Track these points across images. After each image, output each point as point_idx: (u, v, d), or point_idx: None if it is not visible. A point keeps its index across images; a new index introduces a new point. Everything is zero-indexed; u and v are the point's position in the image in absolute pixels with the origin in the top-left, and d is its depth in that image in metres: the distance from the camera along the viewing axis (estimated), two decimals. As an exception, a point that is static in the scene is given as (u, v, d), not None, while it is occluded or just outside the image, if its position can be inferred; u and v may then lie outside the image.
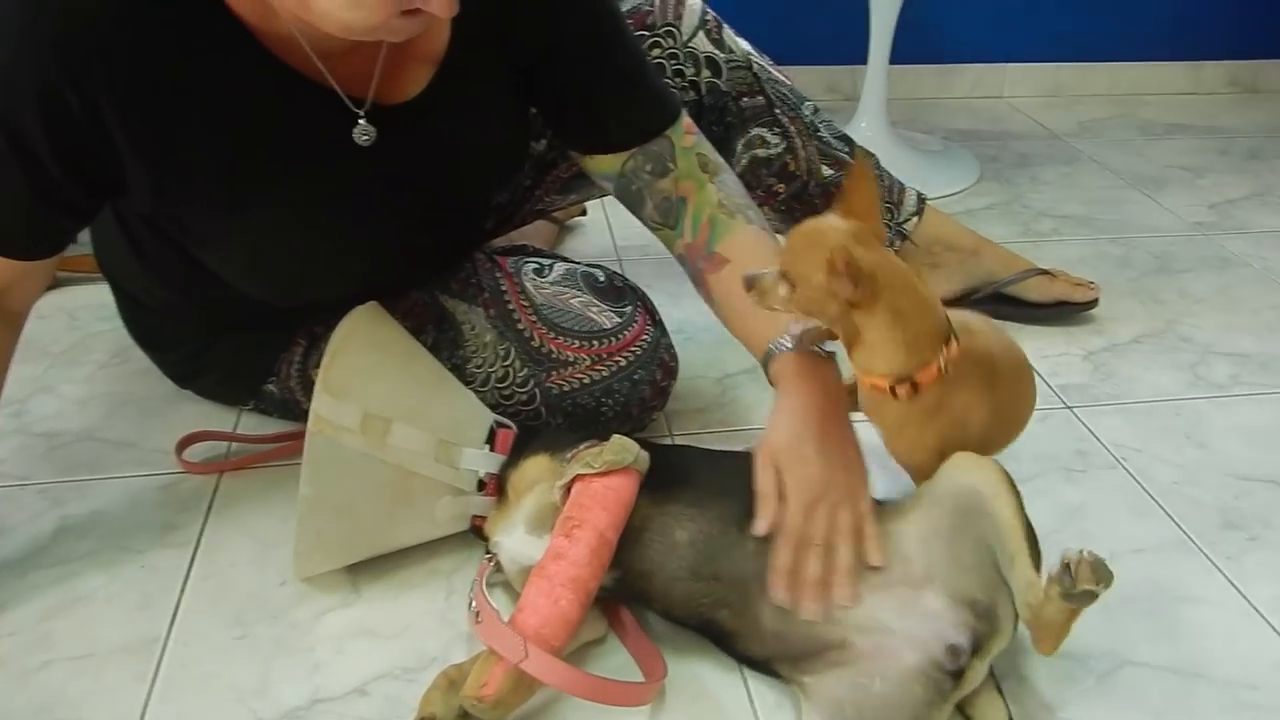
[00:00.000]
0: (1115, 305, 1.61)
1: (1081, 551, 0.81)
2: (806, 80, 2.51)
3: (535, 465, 1.03)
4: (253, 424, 1.30)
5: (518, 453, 1.05)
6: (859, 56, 2.14)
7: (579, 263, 1.30)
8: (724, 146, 1.42)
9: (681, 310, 1.58)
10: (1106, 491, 1.22)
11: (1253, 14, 2.57)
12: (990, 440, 0.99)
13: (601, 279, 1.25)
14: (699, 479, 1.00)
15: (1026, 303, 1.55)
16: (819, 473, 0.94)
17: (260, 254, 1.07)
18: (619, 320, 1.20)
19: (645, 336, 1.22)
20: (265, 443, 1.25)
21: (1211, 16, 2.57)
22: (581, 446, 0.99)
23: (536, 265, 1.25)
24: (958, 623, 0.86)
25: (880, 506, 0.97)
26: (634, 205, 1.19)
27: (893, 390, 0.91)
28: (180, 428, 1.25)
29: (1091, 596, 0.80)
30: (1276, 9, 2.57)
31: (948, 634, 0.86)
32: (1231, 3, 2.56)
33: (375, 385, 1.03)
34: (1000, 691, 0.91)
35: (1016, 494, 0.89)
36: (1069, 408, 1.37)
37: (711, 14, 1.38)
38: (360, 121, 1.00)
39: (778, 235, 1.15)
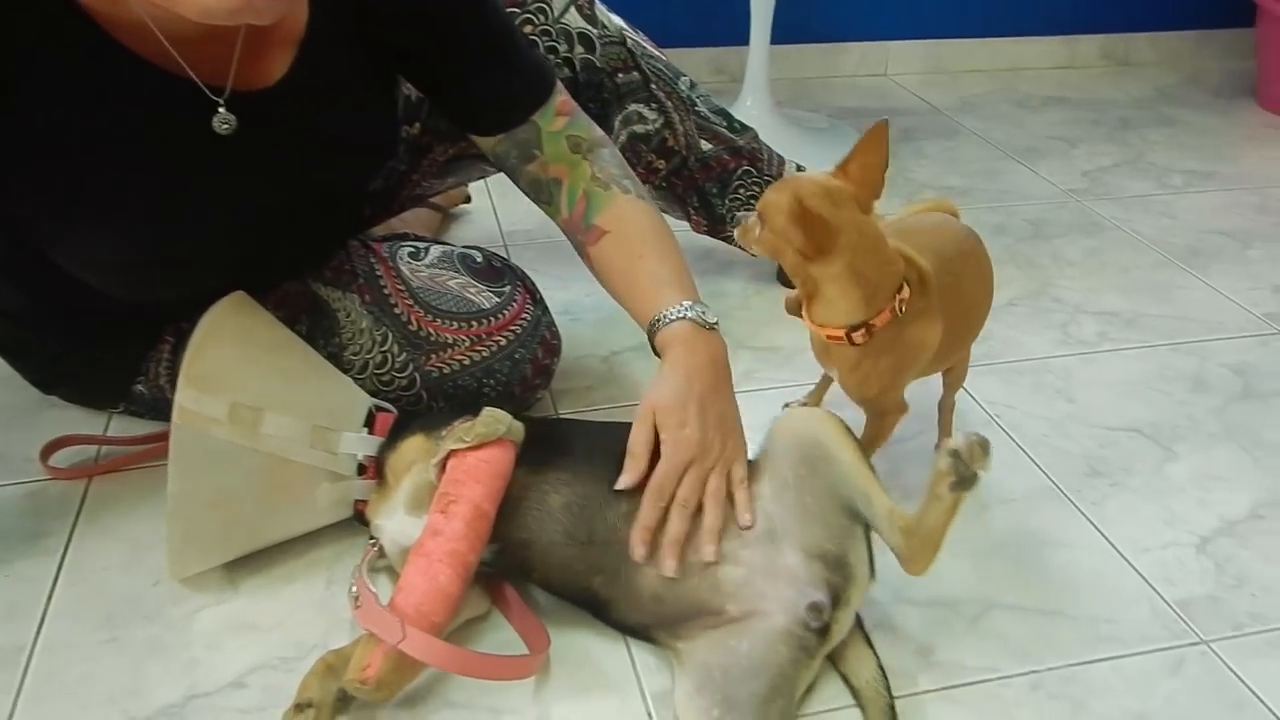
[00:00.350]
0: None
1: (966, 435, 0.84)
2: (693, 61, 2.54)
3: (411, 446, 1.02)
4: (124, 427, 1.26)
5: (395, 436, 1.05)
6: (745, 37, 2.16)
7: (456, 245, 1.29)
8: (602, 123, 1.42)
9: (568, 292, 1.59)
10: (979, 447, 1.26)
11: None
12: (952, 344, 1.06)
13: (479, 260, 1.24)
14: (575, 446, 1.01)
15: None
16: (696, 435, 0.96)
17: (118, 250, 1.03)
18: (498, 300, 1.20)
19: (525, 315, 1.22)
20: (134, 444, 1.22)
21: (1083, -7, 2.66)
22: (455, 423, 0.99)
23: (412, 249, 1.24)
24: (814, 579, 0.88)
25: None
26: (513, 180, 1.20)
27: (849, 338, 0.97)
28: (46, 435, 1.21)
29: (975, 479, 0.84)
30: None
31: (807, 592, 0.88)
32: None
33: (243, 375, 1.01)
34: (869, 642, 0.94)
35: (855, 438, 0.93)
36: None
37: None
38: (220, 110, 0.98)
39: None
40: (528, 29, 1.35)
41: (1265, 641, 1.00)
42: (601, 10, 1.40)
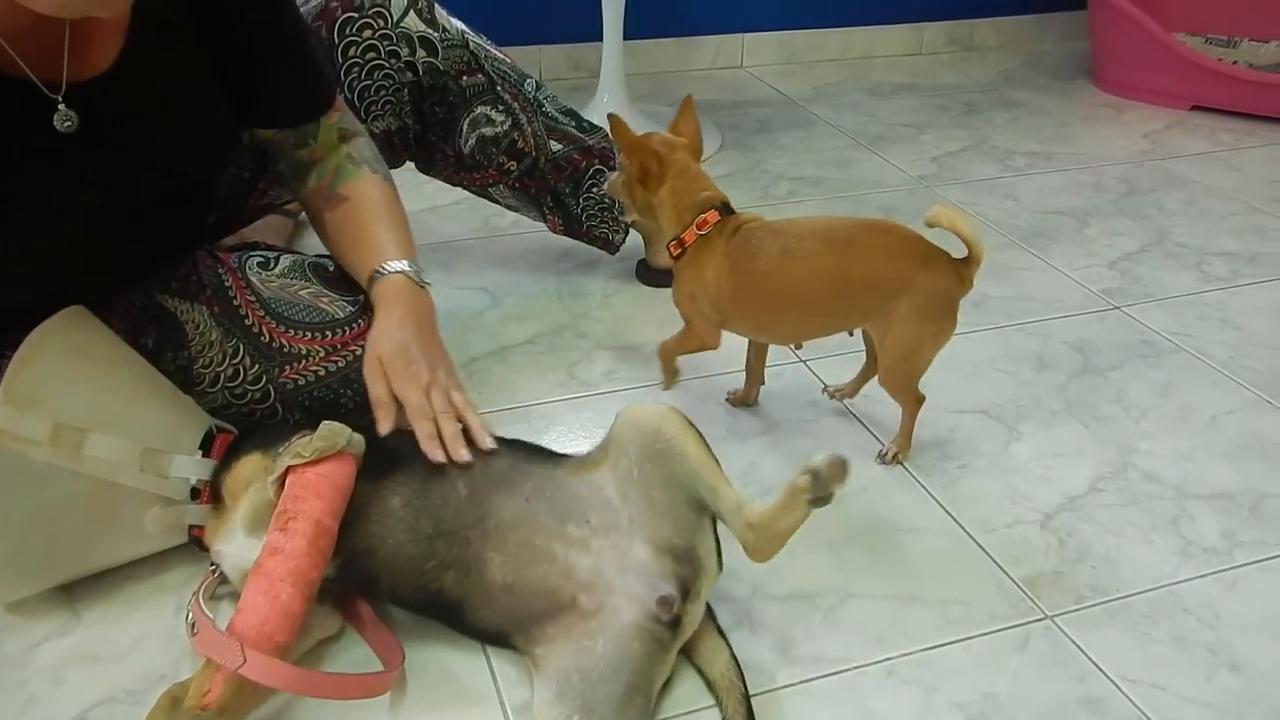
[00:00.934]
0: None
1: (824, 457, 0.84)
2: (552, 58, 2.53)
3: (248, 465, 0.99)
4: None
5: (231, 455, 1.01)
6: (601, 33, 2.16)
7: (308, 254, 1.26)
8: (449, 126, 1.41)
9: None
10: (835, 437, 1.28)
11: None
12: (740, 314, 1.19)
13: (332, 268, 1.21)
14: (411, 452, 0.99)
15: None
16: (424, 371, 1.05)
17: None
18: (352, 309, 1.17)
19: None
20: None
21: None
22: (293, 439, 0.96)
23: (262, 259, 1.20)
24: (664, 572, 0.89)
25: (572, 459, 0.99)
26: (270, 159, 1.22)
27: (669, 250, 1.20)
28: None
29: (831, 498, 0.85)
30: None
31: (657, 585, 0.88)
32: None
33: (69, 394, 0.96)
34: (721, 633, 0.95)
35: (697, 430, 0.93)
36: (803, 361, 1.43)
37: None
38: (60, 107, 0.94)
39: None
40: (366, 34, 1.33)
41: (1105, 612, 1.04)
42: (442, 14, 1.38)
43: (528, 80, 1.47)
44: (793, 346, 1.40)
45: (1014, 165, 2.10)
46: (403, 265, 1.13)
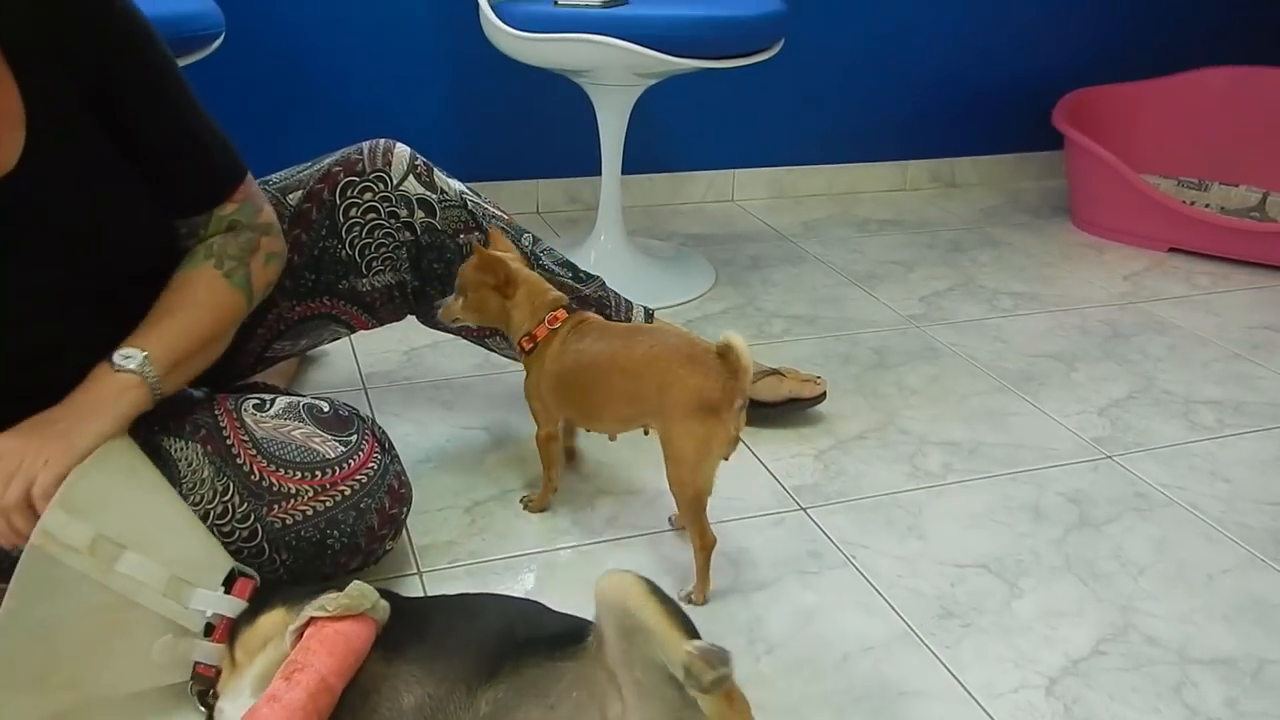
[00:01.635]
0: (841, 402, 1.72)
1: (689, 650, 0.81)
2: (550, 192, 2.60)
3: (269, 621, 1.00)
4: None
5: (255, 609, 1.01)
6: (597, 167, 2.22)
7: (303, 395, 1.27)
8: (447, 280, 1.44)
9: (430, 439, 1.57)
10: (838, 590, 1.29)
11: (947, 116, 2.86)
12: (578, 402, 1.34)
13: (326, 410, 1.22)
14: (431, 633, 0.98)
15: (760, 403, 1.64)
16: (14, 444, 0.99)
17: None
18: (343, 449, 1.18)
19: (371, 463, 1.20)
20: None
21: (914, 120, 2.84)
22: (321, 595, 0.96)
23: (258, 400, 1.21)
24: None
25: (576, 646, 0.95)
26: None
27: (521, 346, 1.36)
28: None
29: (727, 679, 0.81)
30: (966, 112, 2.87)
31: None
32: (929, 106, 2.83)
33: (116, 511, 0.99)
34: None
35: (660, 597, 0.88)
36: (803, 509, 1.44)
37: (421, 159, 1.42)
38: None
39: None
40: (367, 196, 1.38)
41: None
42: (440, 176, 1.43)
43: (525, 235, 1.51)
44: (609, 438, 1.47)
45: (1001, 306, 2.15)
46: (124, 352, 1.07)
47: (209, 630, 1.01)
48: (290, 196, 1.38)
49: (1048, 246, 2.51)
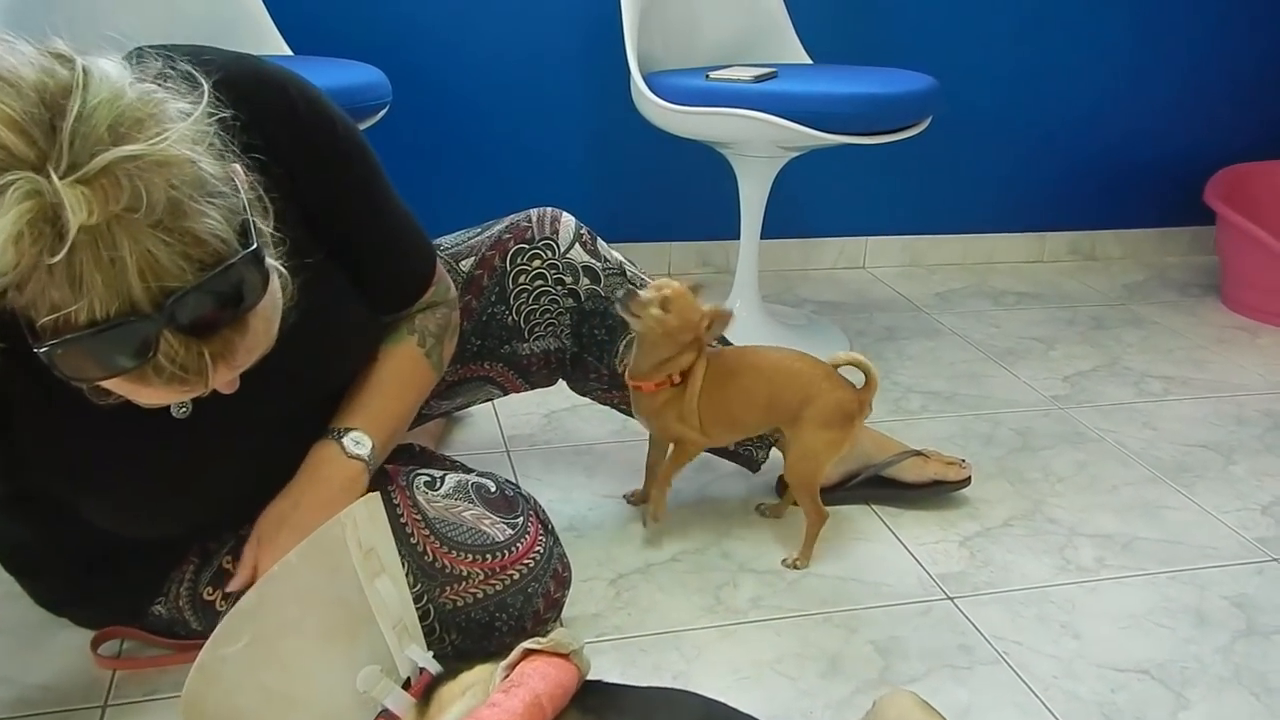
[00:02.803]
0: (985, 485, 1.68)
1: None
2: (683, 254, 2.63)
3: (474, 673, 1.03)
4: (133, 648, 1.25)
5: (452, 671, 1.05)
6: (729, 231, 2.24)
7: (470, 471, 1.30)
8: (605, 347, 1.46)
9: (572, 506, 1.59)
10: (992, 689, 1.25)
11: (1089, 188, 2.80)
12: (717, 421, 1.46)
13: (493, 489, 1.25)
14: (630, 709, 1.00)
15: (903, 484, 1.61)
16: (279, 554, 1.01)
17: (122, 511, 1.06)
18: (511, 532, 1.20)
19: (538, 548, 1.21)
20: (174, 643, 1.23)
21: (1054, 191, 2.79)
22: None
23: (428, 478, 1.24)
24: None
25: None
26: None
27: (671, 381, 1.42)
28: (56, 659, 1.20)
29: None
30: (1110, 184, 2.81)
31: None
32: (1071, 178, 2.78)
33: (383, 543, 1.07)
34: None
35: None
36: (950, 598, 1.41)
37: (585, 228, 1.46)
38: None
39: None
40: (536, 263, 1.42)
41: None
42: (603, 246, 1.47)
43: None
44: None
45: (1150, 390, 2.08)
46: (341, 432, 1.14)
47: (406, 684, 1.05)
48: (463, 263, 1.42)
49: (1197, 328, 2.43)
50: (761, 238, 2.18)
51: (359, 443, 1.14)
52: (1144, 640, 1.35)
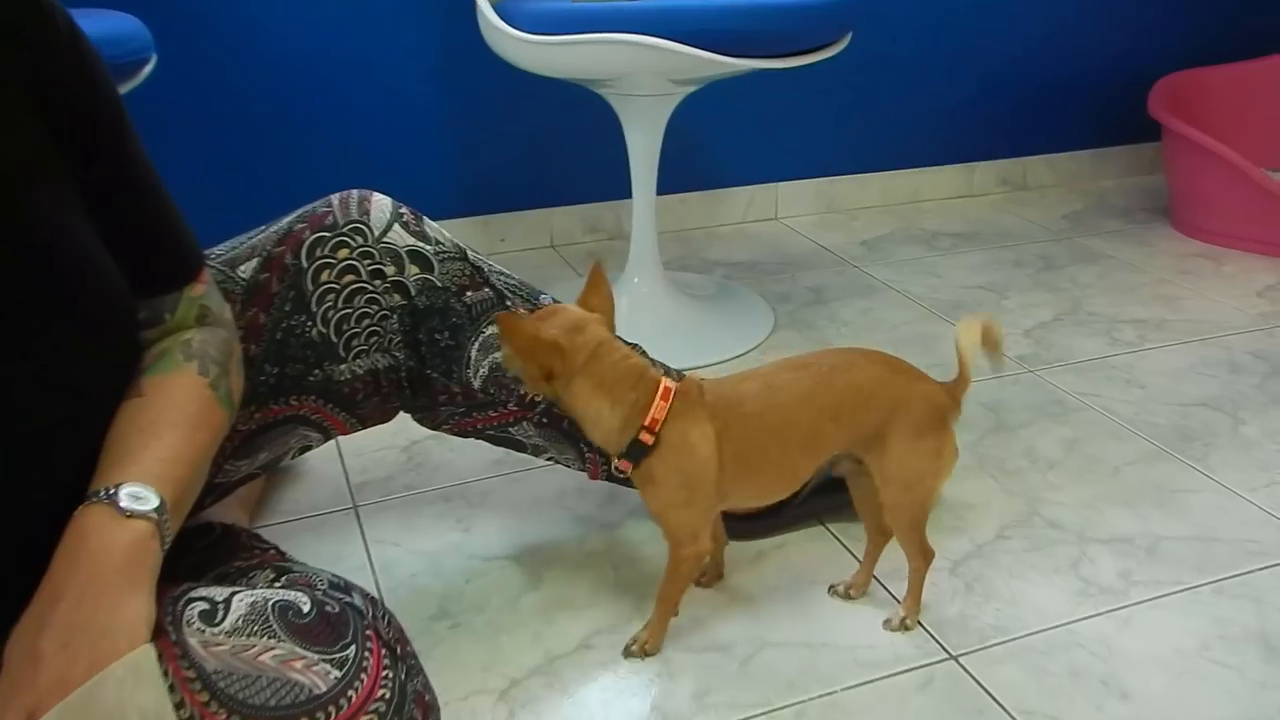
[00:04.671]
0: (964, 482, 1.35)
1: None
2: (566, 222, 2.22)
3: None
4: None
5: None
6: (618, 190, 1.85)
7: (285, 572, 0.90)
8: (454, 355, 1.08)
9: (442, 580, 1.20)
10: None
11: (1016, 110, 2.48)
12: (744, 474, 1.02)
13: (307, 609, 0.84)
14: None
15: None
16: (36, 672, 0.69)
17: None
18: (339, 675, 0.79)
19: (383, 689, 0.81)
20: None
21: (978, 115, 2.46)
22: None
23: (206, 606, 0.82)
24: None
25: None
26: None
27: (640, 441, 0.99)
28: None
29: None
30: (1038, 104, 2.49)
31: None
32: (996, 100, 2.46)
33: None
34: None
35: None
36: (953, 657, 1.06)
37: (406, 207, 1.09)
38: None
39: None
40: (342, 253, 1.05)
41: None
42: (432, 226, 1.10)
43: (543, 295, 1.15)
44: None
45: (1123, 338, 1.77)
46: (115, 491, 0.77)
47: None
48: (241, 269, 1.04)
49: (1155, 259, 2.13)
50: (658, 194, 1.79)
51: (138, 498, 0.77)
52: (1208, 691, 1.02)
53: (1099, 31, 2.46)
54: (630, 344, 1.20)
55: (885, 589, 1.16)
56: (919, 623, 1.11)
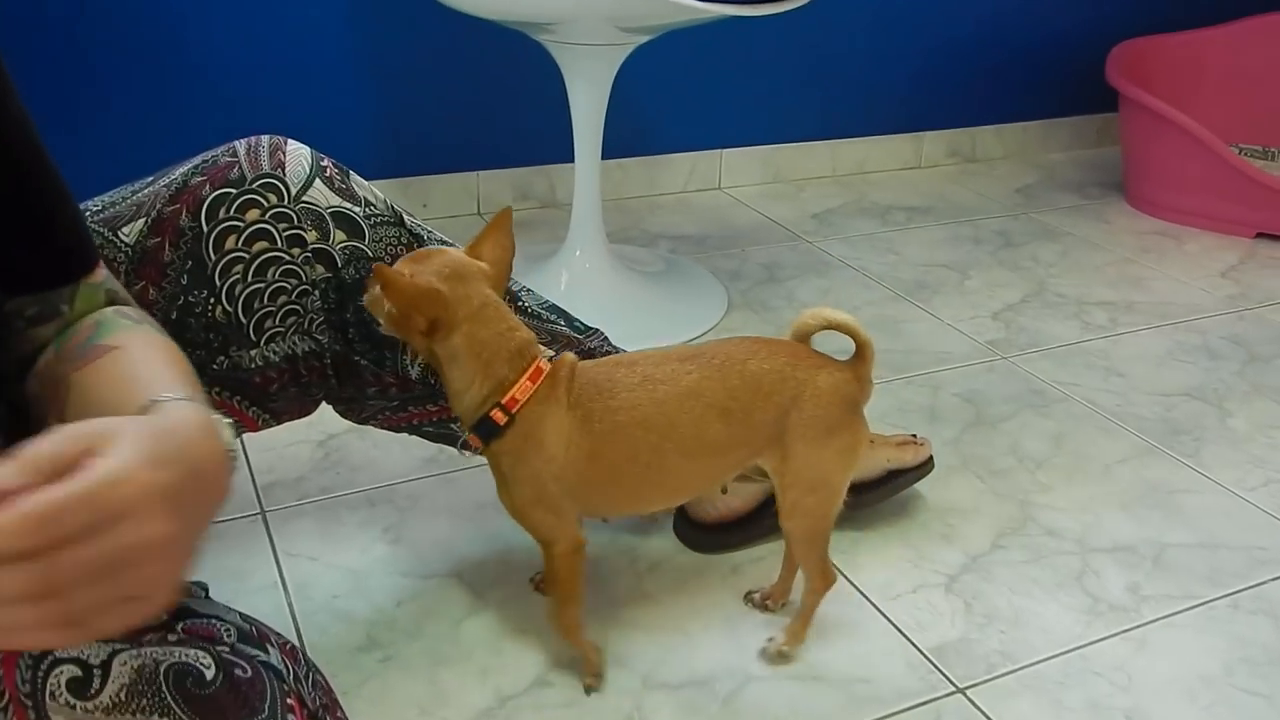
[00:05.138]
0: (950, 485, 1.23)
1: None
2: (493, 187, 2.03)
3: None
4: None
5: None
6: (552, 153, 1.67)
7: (166, 644, 0.72)
8: (385, 340, 0.92)
9: (369, 603, 1.03)
10: None
11: (965, 76, 2.37)
12: (604, 480, 0.88)
13: (210, 674, 0.66)
14: None
15: (852, 486, 1.13)
16: (159, 510, 0.48)
17: None
18: None
19: None
20: None
21: (927, 83, 2.34)
22: None
23: (76, 673, 0.63)
24: None
25: None
26: None
27: (493, 418, 0.85)
28: None
29: None
30: (988, 69, 2.38)
31: None
32: (945, 66, 2.34)
33: None
34: None
35: None
36: (960, 690, 0.94)
37: (328, 159, 0.91)
38: None
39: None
40: (252, 214, 0.87)
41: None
42: (359, 182, 0.93)
43: None
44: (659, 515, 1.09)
45: (1095, 321, 1.67)
46: (187, 396, 0.59)
47: None
48: (124, 231, 0.86)
49: (1115, 236, 2.04)
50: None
51: (224, 424, 0.59)
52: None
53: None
54: (590, 329, 1.05)
55: (874, 605, 1.03)
56: (920, 650, 0.98)
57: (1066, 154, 2.52)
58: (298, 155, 0.88)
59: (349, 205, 0.90)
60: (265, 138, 0.89)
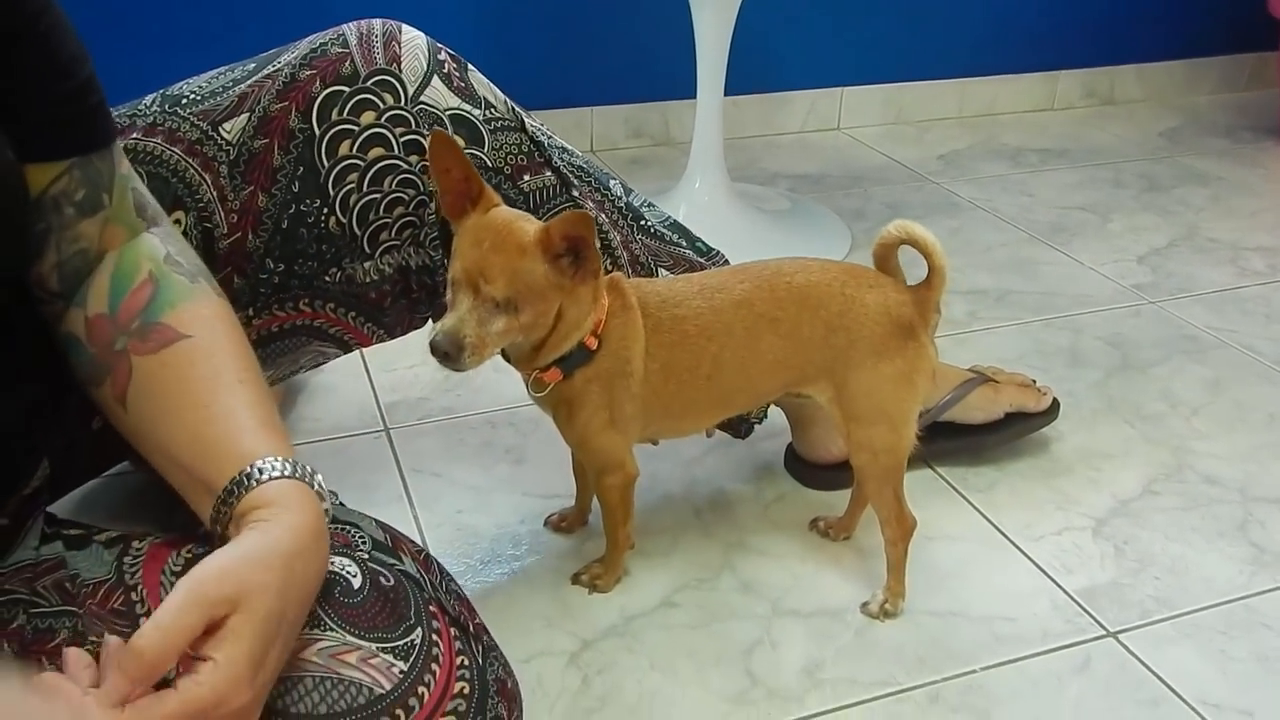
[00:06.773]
0: (1095, 429, 1.16)
1: None
2: (607, 124, 1.99)
3: None
4: None
5: None
6: (665, 90, 1.62)
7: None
8: None
9: (495, 519, 1.02)
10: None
11: (1104, 13, 2.24)
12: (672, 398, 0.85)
13: (355, 579, 0.64)
14: None
15: (973, 428, 1.08)
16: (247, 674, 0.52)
17: None
18: (404, 668, 0.60)
19: (461, 679, 0.63)
20: None
21: (1063, 19, 2.22)
22: None
23: None
24: None
25: None
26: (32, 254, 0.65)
27: (585, 345, 0.81)
28: None
29: None
30: (1134, 13, 2.25)
31: None
32: (1085, 9, 2.21)
33: None
34: None
35: None
36: (1111, 634, 0.88)
37: (445, 50, 0.86)
38: None
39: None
40: (368, 116, 0.83)
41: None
42: (481, 80, 0.88)
43: (614, 181, 0.95)
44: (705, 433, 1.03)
45: (1251, 267, 1.57)
46: (281, 462, 0.59)
47: None
48: (225, 127, 0.82)
49: (1272, 182, 1.91)
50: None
51: (311, 472, 0.61)
52: None
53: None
54: (712, 250, 1.01)
55: (1016, 545, 0.97)
56: (1066, 592, 0.92)
57: (1213, 97, 2.37)
58: (414, 47, 0.84)
59: (468, 107, 0.86)
60: (378, 23, 0.84)
